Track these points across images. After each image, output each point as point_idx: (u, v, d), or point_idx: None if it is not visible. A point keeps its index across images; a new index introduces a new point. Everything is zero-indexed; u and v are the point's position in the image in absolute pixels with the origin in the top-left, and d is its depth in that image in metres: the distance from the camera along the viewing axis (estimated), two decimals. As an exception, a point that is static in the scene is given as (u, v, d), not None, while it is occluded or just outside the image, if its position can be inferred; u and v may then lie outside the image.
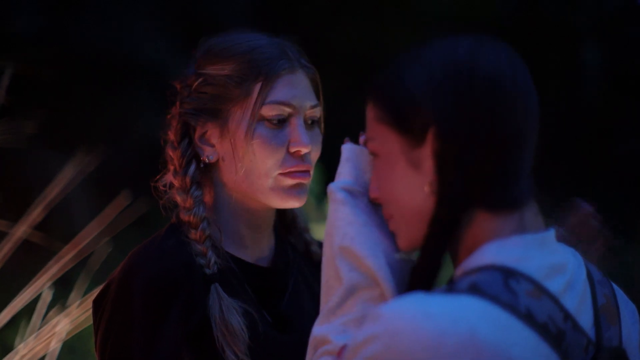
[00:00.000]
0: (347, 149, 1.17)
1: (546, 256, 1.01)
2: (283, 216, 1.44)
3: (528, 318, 0.94)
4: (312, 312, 1.34)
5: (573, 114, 6.86)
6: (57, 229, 2.77)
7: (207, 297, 1.26)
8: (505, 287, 0.95)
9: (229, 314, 1.25)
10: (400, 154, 1.04)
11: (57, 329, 2.41)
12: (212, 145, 1.34)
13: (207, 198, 1.35)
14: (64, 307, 2.45)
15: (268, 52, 1.32)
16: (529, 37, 9.66)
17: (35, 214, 2.50)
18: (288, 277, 1.39)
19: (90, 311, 2.48)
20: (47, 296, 2.46)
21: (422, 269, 1.02)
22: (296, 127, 1.31)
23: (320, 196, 3.39)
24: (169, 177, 1.36)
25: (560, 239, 1.05)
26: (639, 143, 6.48)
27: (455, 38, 1.06)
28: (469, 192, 1.01)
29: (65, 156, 2.67)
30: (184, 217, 1.32)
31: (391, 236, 1.09)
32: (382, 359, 0.94)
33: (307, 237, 1.47)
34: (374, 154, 1.08)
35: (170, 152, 1.35)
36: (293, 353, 1.28)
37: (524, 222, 1.02)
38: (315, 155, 1.35)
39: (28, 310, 2.46)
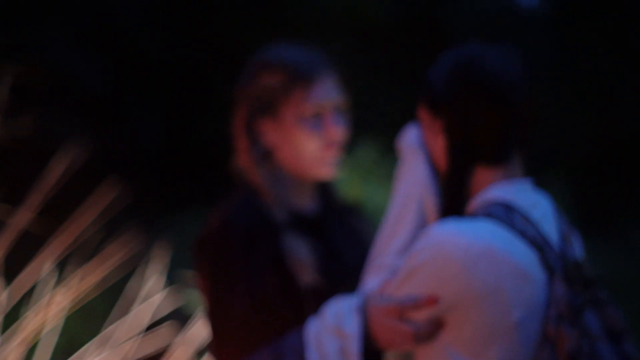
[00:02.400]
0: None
1: (528, 195, 1.53)
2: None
3: (522, 234, 1.46)
4: (347, 244, 1.84)
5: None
6: (54, 214, 3.12)
7: (279, 238, 1.73)
8: (507, 215, 1.48)
9: (297, 250, 1.73)
10: (429, 124, 1.58)
11: (58, 301, 2.77)
12: (269, 135, 1.80)
13: (270, 170, 1.80)
14: (64, 283, 2.80)
15: (304, 64, 1.78)
16: (413, 33, 10.29)
17: (34, 201, 2.84)
18: (327, 221, 1.86)
19: (85, 287, 2.83)
20: (51, 274, 2.81)
21: (446, 204, 1.55)
22: (330, 118, 1.77)
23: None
24: (241, 159, 1.82)
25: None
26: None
27: (470, 44, 1.56)
28: (469, 152, 1.53)
29: (55, 151, 3.01)
30: (255, 185, 1.79)
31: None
32: (432, 262, 1.45)
33: (335, 192, 1.92)
34: (421, 125, 1.61)
35: (238, 141, 1.82)
36: (342, 275, 1.76)
37: (510, 172, 1.54)
38: (344, 136, 1.81)
39: (34, 286, 2.80)
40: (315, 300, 1.72)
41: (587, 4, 9.39)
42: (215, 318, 1.72)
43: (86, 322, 4.71)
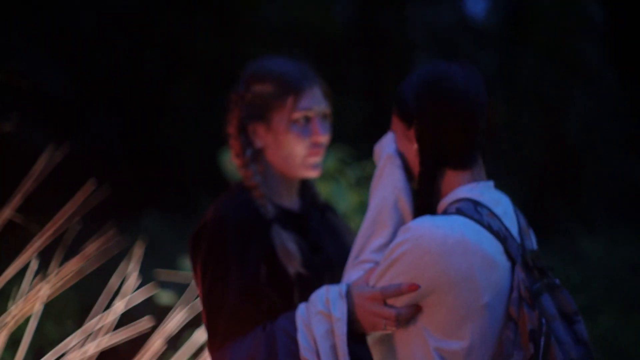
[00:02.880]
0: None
1: (492, 194, 1.75)
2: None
3: (489, 228, 1.67)
4: (327, 238, 2.04)
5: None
6: (37, 211, 3.25)
7: (270, 232, 1.92)
8: (475, 211, 1.69)
9: (286, 242, 1.91)
10: (403, 133, 1.78)
11: (40, 293, 2.88)
12: (261, 138, 1.98)
13: (260, 169, 1.99)
14: (45, 275, 2.92)
15: (295, 75, 1.97)
16: (366, 47, 10.50)
17: (18, 199, 2.96)
18: (310, 217, 2.05)
19: (65, 279, 2.96)
20: (34, 266, 2.92)
21: (420, 203, 1.76)
22: (316, 124, 1.97)
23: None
24: (233, 158, 2.01)
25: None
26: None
27: (436, 62, 1.76)
28: (437, 158, 1.73)
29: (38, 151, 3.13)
30: (247, 182, 1.97)
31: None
32: (412, 253, 1.64)
33: (314, 191, 2.13)
34: (394, 134, 1.81)
35: (232, 142, 2.00)
36: (325, 267, 1.97)
37: (475, 175, 1.75)
38: (327, 140, 2.01)
39: (19, 278, 2.92)
40: (301, 289, 1.92)
41: (536, 19, 9.68)
42: (210, 303, 1.89)
43: (61, 317, 4.84)
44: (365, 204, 2.98)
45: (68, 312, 4.98)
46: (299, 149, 1.96)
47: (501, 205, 1.75)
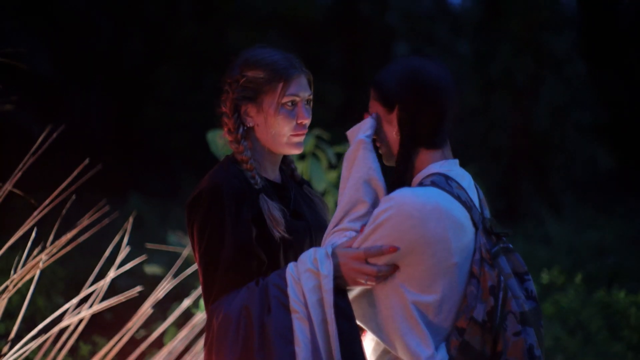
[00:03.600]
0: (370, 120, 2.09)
1: (458, 170, 2.00)
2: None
3: (458, 198, 1.92)
4: (305, 207, 2.27)
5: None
6: (36, 186, 3.44)
7: (258, 200, 2.14)
8: (446, 183, 1.93)
9: (272, 210, 2.13)
10: (383, 117, 2.03)
11: (38, 260, 3.05)
12: (252, 117, 2.20)
13: (249, 145, 2.21)
14: (44, 246, 3.09)
15: (285, 64, 2.19)
16: (347, 32, 10.68)
17: (18, 175, 3.13)
18: (290, 188, 2.28)
19: (60, 251, 3.11)
20: (33, 237, 3.10)
21: (396, 177, 1.99)
22: (301, 108, 2.20)
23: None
24: (225, 135, 2.23)
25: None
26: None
27: (414, 56, 2.01)
28: (415, 138, 1.99)
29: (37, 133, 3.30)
30: (238, 157, 2.19)
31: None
32: (395, 218, 1.88)
33: (293, 166, 2.36)
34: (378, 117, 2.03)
35: (225, 120, 2.22)
36: (305, 232, 2.20)
37: (445, 154, 2.01)
38: (309, 122, 2.24)
39: (22, 246, 3.09)
40: (285, 250, 2.16)
41: (510, 9, 9.89)
42: (207, 261, 2.12)
43: (51, 292, 5.03)
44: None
45: (57, 288, 5.18)
46: (286, 129, 2.19)
47: (465, 179, 2.01)
